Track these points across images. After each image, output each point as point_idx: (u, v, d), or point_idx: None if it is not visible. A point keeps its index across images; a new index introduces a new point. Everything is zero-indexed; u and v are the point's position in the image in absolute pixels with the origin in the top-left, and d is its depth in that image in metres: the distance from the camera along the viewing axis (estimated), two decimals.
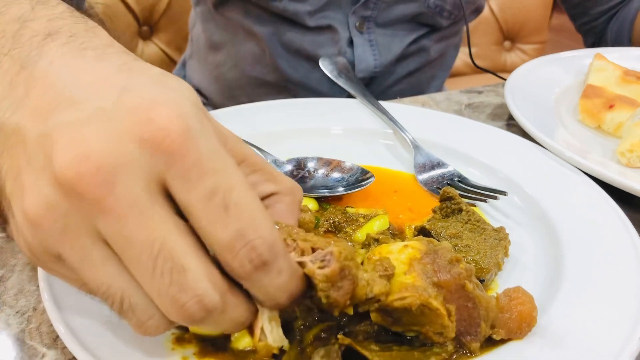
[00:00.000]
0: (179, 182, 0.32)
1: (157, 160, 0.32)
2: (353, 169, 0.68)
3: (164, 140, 0.31)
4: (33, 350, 0.48)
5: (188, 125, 0.32)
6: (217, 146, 0.34)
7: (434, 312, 0.43)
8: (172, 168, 0.32)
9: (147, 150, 0.32)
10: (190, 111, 0.33)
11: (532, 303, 0.46)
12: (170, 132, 0.31)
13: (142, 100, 0.32)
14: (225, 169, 0.33)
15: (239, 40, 1.16)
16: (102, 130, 0.32)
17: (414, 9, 1.10)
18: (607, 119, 0.82)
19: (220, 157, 0.33)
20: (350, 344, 0.43)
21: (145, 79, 0.34)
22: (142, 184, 0.32)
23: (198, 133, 0.32)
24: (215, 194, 0.32)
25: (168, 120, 0.32)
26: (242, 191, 0.33)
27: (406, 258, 0.45)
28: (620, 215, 0.59)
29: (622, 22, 1.21)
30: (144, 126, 0.32)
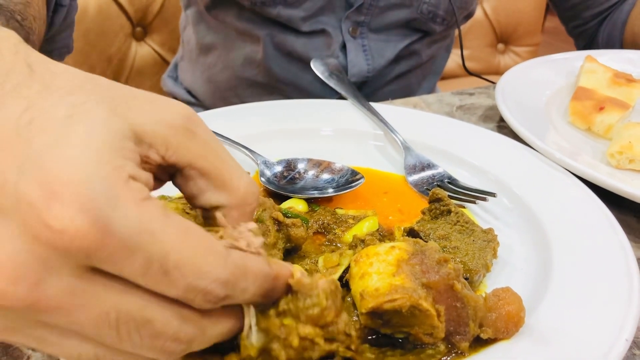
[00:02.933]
0: (107, 266, 0.30)
1: (75, 257, 0.29)
2: (343, 170, 0.68)
3: (72, 243, 0.28)
4: (18, 352, 0.48)
5: (94, 216, 0.29)
6: (136, 216, 0.30)
7: (423, 313, 0.43)
8: (94, 258, 0.30)
9: (62, 252, 0.29)
10: (94, 190, 0.29)
11: (519, 303, 0.46)
12: (75, 233, 0.28)
13: (39, 192, 0.28)
14: (152, 237, 0.30)
15: (231, 42, 1.16)
16: (8, 235, 0.29)
17: (407, 15, 1.10)
18: (597, 121, 0.82)
19: (142, 227, 0.30)
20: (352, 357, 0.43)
21: (45, 139, 0.30)
22: (69, 275, 0.30)
23: (108, 218, 0.29)
24: (150, 267, 0.30)
25: (69, 220, 0.28)
26: (179, 248, 0.31)
27: (394, 259, 0.45)
28: (609, 216, 0.60)
29: (614, 25, 1.21)
30: (49, 233, 0.28)
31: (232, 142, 0.72)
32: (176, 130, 0.35)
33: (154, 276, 0.31)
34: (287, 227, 0.55)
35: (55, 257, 0.29)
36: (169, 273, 0.31)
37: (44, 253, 0.29)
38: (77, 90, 0.33)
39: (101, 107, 0.32)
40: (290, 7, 1.05)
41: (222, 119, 0.77)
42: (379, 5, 1.08)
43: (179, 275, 0.31)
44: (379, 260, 0.46)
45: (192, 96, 1.32)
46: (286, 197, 0.65)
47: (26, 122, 0.31)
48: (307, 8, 1.06)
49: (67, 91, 0.33)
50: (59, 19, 0.77)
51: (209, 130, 0.37)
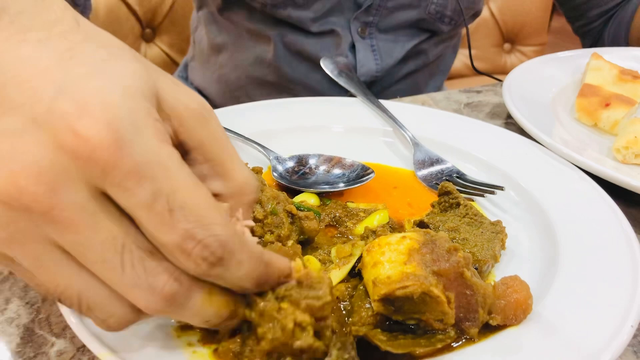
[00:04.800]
0: (117, 191, 0.32)
1: (91, 171, 0.31)
2: (354, 166, 0.69)
3: (93, 154, 0.31)
4: (43, 339, 0.50)
5: (117, 133, 0.31)
6: (155, 148, 0.32)
7: (434, 300, 0.44)
8: (107, 178, 0.31)
9: (81, 162, 0.31)
10: (122, 114, 0.31)
11: (527, 291, 0.48)
12: (97, 144, 0.30)
13: (72, 107, 0.31)
14: (165, 172, 0.32)
15: (241, 42, 1.18)
16: (36, 141, 0.31)
17: (415, 15, 1.12)
18: (603, 117, 0.83)
19: (159, 159, 0.32)
20: (365, 335, 0.45)
21: (84, 71, 0.33)
22: (84, 191, 0.32)
23: (130, 139, 0.31)
24: (157, 200, 0.32)
25: (95, 131, 0.31)
26: (187, 191, 0.33)
27: (405, 249, 0.47)
28: (614, 209, 0.61)
29: (619, 24, 1.22)
30: (74, 139, 0.31)
31: (245, 139, 0.73)
32: (191, 112, 0.37)
33: (158, 212, 0.32)
34: (301, 219, 0.57)
35: (75, 169, 0.31)
36: (173, 212, 0.32)
37: (66, 163, 0.31)
38: (116, 46, 0.36)
39: (136, 62, 0.35)
40: (300, 9, 1.07)
41: (235, 116, 0.78)
42: (387, 6, 1.10)
43: (182, 217, 0.32)
44: (391, 249, 0.47)
45: (203, 95, 1.33)
46: (298, 191, 0.66)
47: (68, 57, 0.34)
48: (317, 9, 1.08)
49: (107, 44, 0.36)
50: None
51: (220, 124, 0.39)
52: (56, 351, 0.49)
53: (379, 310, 0.46)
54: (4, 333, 0.50)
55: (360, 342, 0.44)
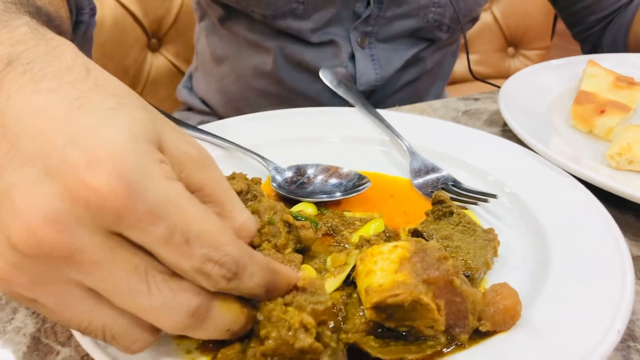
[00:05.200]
0: (134, 233, 0.34)
1: (104, 218, 0.33)
2: (350, 175, 0.71)
3: (105, 203, 0.32)
4: (48, 348, 0.52)
5: (127, 180, 0.33)
6: (165, 188, 0.34)
7: (424, 307, 0.46)
8: (122, 222, 0.33)
9: (93, 211, 0.33)
10: (131, 163, 0.33)
11: (516, 297, 0.49)
12: (110, 194, 0.32)
13: (81, 158, 0.33)
14: (177, 208, 0.34)
15: (243, 53, 1.20)
16: (50, 192, 0.33)
17: (413, 24, 1.14)
18: (598, 124, 0.84)
19: (170, 198, 0.34)
20: (356, 343, 0.46)
21: (92, 121, 0.35)
22: (101, 235, 0.34)
23: (140, 184, 0.33)
24: (174, 234, 0.34)
25: (106, 181, 0.32)
26: (200, 221, 0.35)
27: (396, 257, 0.48)
28: (606, 217, 0.62)
29: (618, 29, 1.23)
30: (84, 190, 0.33)
31: (245, 150, 0.75)
32: (192, 159, 0.39)
33: (176, 244, 0.34)
34: (297, 229, 0.59)
35: (89, 216, 0.33)
36: (190, 242, 0.34)
37: (80, 211, 0.33)
38: (124, 94, 0.38)
39: (141, 111, 0.37)
40: (299, 19, 1.09)
41: (235, 127, 0.80)
42: (386, 16, 1.11)
43: (199, 245, 0.35)
44: (383, 258, 0.49)
45: (207, 105, 1.36)
46: (296, 201, 0.68)
47: (77, 106, 0.36)
48: (316, 20, 1.10)
49: (115, 93, 0.38)
50: (78, 36, 0.81)
51: (219, 169, 0.42)
52: (61, 359, 0.50)
53: (372, 318, 0.47)
54: (12, 342, 0.52)
55: (352, 350, 0.46)
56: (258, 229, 0.56)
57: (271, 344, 0.41)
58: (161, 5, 1.76)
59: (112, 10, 1.68)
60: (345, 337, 0.46)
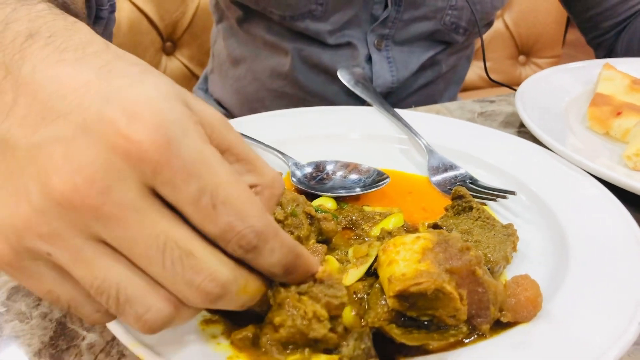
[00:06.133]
0: (167, 188, 0.34)
1: (143, 171, 0.34)
2: (370, 171, 0.72)
3: (145, 154, 0.33)
4: (74, 333, 0.52)
5: (168, 135, 0.34)
6: (200, 148, 0.35)
7: (447, 296, 0.46)
8: (158, 176, 0.34)
9: (133, 163, 0.33)
10: (169, 118, 0.34)
11: (537, 289, 0.49)
12: (150, 146, 0.33)
13: (122, 114, 0.34)
14: (209, 170, 0.35)
15: (260, 54, 1.21)
16: (89, 145, 0.33)
17: (430, 27, 1.15)
18: (614, 125, 0.85)
19: (204, 159, 0.35)
20: (381, 327, 0.47)
21: (125, 82, 0.36)
22: (135, 190, 0.34)
23: (178, 141, 0.34)
24: (203, 195, 0.34)
25: (147, 134, 0.33)
26: (229, 187, 0.35)
27: (419, 248, 0.49)
28: (624, 213, 0.62)
29: (632, 35, 1.24)
30: (125, 142, 0.33)
31: (265, 146, 0.76)
32: (219, 120, 0.40)
33: (203, 206, 0.35)
34: (319, 221, 0.60)
35: (127, 168, 0.34)
36: (216, 207, 0.35)
37: (118, 163, 0.33)
38: (145, 64, 0.39)
39: (166, 77, 0.38)
40: (317, 21, 1.10)
41: (255, 125, 0.81)
42: (403, 19, 1.12)
43: (224, 211, 0.35)
44: (406, 248, 0.49)
45: (222, 107, 1.37)
46: (316, 196, 0.69)
47: (106, 71, 0.36)
48: (334, 22, 1.11)
49: (137, 62, 0.38)
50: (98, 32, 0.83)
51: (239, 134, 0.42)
52: (87, 344, 0.51)
53: (394, 307, 0.48)
54: (39, 327, 0.53)
55: (376, 336, 0.46)
56: (281, 220, 0.57)
57: (285, 332, 0.42)
58: (177, 8, 1.78)
59: (127, 13, 1.70)
60: (372, 321, 0.47)
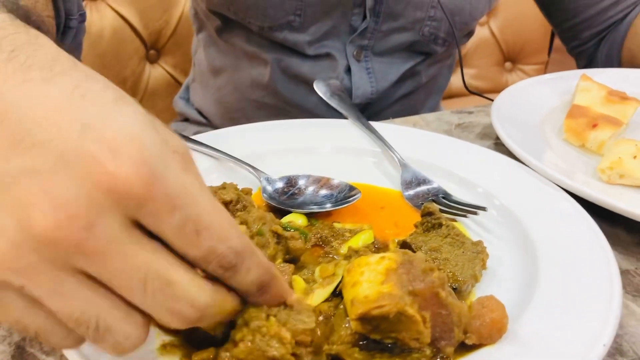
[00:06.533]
0: (151, 220, 0.34)
1: (127, 205, 0.33)
2: (341, 186, 0.71)
3: (131, 190, 0.33)
4: (33, 357, 0.51)
5: (152, 170, 0.33)
6: (182, 179, 0.35)
7: (410, 319, 0.45)
8: (142, 209, 0.34)
9: (117, 198, 0.33)
10: (152, 153, 0.34)
11: (503, 311, 0.49)
12: (136, 181, 0.33)
13: (104, 148, 0.33)
14: (192, 200, 0.35)
15: (240, 65, 1.21)
16: (71, 179, 0.32)
17: (409, 38, 1.15)
18: (590, 138, 0.85)
19: (186, 190, 0.35)
20: (339, 354, 0.46)
21: (102, 110, 0.35)
22: (118, 224, 0.33)
23: (162, 174, 0.34)
24: (186, 224, 0.35)
25: (132, 170, 0.33)
26: (210, 214, 0.36)
27: (383, 269, 0.48)
28: (595, 230, 0.62)
29: (612, 44, 1.24)
30: (111, 178, 0.33)
31: (237, 160, 0.75)
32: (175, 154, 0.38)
33: (187, 234, 0.35)
34: (286, 239, 0.59)
35: (111, 204, 0.33)
36: (200, 233, 0.35)
37: (102, 199, 0.33)
38: (115, 87, 0.37)
39: (139, 107, 0.37)
40: (296, 32, 1.10)
41: (227, 138, 0.80)
42: (382, 30, 1.12)
43: (207, 237, 0.36)
44: (370, 269, 0.48)
45: (203, 116, 1.36)
46: (287, 211, 0.68)
47: (79, 95, 0.35)
48: (313, 33, 1.10)
49: (108, 86, 0.37)
50: (67, 41, 0.82)
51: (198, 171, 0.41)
52: None
53: (357, 329, 0.47)
54: None
55: None
56: None
57: (244, 347, 0.41)
58: (160, 17, 1.77)
59: (111, 21, 1.69)
60: (329, 348, 0.46)
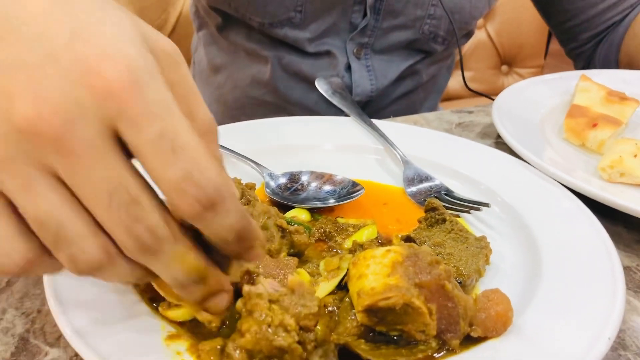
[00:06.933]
0: (129, 127, 0.34)
1: (108, 108, 0.34)
2: (344, 182, 0.71)
3: (114, 92, 0.34)
4: (37, 348, 0.51)
5: (137, 77, 0.34)
6: (164, 95, 0.36)
7: (416, 311, 0.46)
8: (122, 115, 0.34)
9: (100, 99, 0.34)
10: (139, 63, 0.35)
11: (508, 304, 0.49)
12: (119, 85, 0.34)
13: (92, 51, 0.34)
14: (171, 116, 0.35)
15: (240, 62, 1.21)
16: (57, 76, 0.33)
17: (409, 36, 1.15)
18: (590, 137, 0.85)
19: (167, 105, 0.35)
20: (346, 344, 0.46)
21: (89, 18, 0.36)
22: (97, 128, 0.34)
23: (146, 84, 0.35)
24: (163, 138, 0.34)
25: (118, 74, 0.34)
26: (188, 136, 0.35)
27: (389, 261, 0.48)
28: (598, 227, 0.62)
29: (609, 46, 1.25)
30: (96, 78, 0.34)
31: (239, 156, 0.75)
32: (168, 56, 0.40)
33: (162, 150, 0.35)
34: (291, 233, 0.59)
35: (94, 104, 0.34)
36: (175, 151, 0.35)
37: (86, 98, 0.33)
38: None
39: (124, 12, 0.38)
40: (296, 29, 1.10)
41: (230, 134, 0.80)
42: (382, 27, 1.12)
43: (183, 157, 0.35)
44: (376, 262, 0.49)
45: None
46: (289, 207, 0.68)
47: (63, 1, 0.36)
48: (313, 30, 1.11)
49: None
50: None
51: (189, 71, 0.42)
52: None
53: (363, 321, 0.47)
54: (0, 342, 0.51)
55: (343, 352, 0.46)
56: None
57: (251, 338, 0.41)
58: (159, 16, 1.77)
59: None
60: (337, 337, 0.46)
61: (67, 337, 0.45)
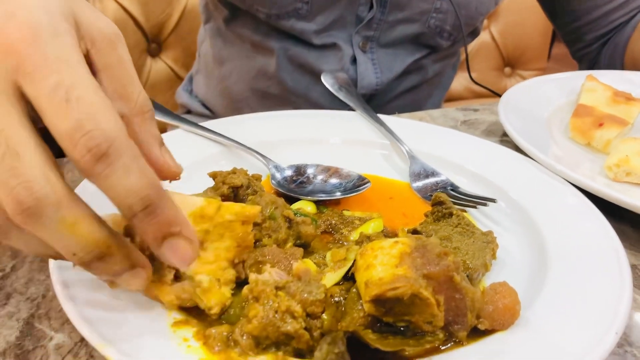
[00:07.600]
0: (27, 80, 0.36)
1: (8, 63, 0.36)
2: (350, 175, 0.71)
3: (11, 47, 0.36)
4: (42, 333, 0.51)
5: (37, 33, 0.37)
6: (67, 50, 0.37)
7: (424, 302, 0.45)
8: (21, 68, 0.36)
9: (1, 54, 0.36)
10: (41, 20, 0.37)
11: (515, 297, 0.49)
12: (17, 40, 0.36)
13: (2, 14, 0.37)
14: (70, 69, 0.37)
15: (246, 54, 1.21)
16: None
17: (415, 30, 1.15)
18: (596, 137, 0.85)
19: (65, 59, 0.37)
20: (355, 332, 0.46)
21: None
22: None
23: (45, 40, 0.37)
24: (58, 89, 0.36)
25: (18, 31, 0.37)
26: (85, 87, 0.37)
27: (397, 252, 0.48)
28: (603, 222, 0.62)
29: (615, 48, 1.25)
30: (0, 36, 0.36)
31: (245, 147, 0.75)
32: (103, 36, 0.41)
33: (57, 101, 0.36)
34: (298, 224, 0.59)
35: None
36: (70, 101, 0.36)
37: None
38: None
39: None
40: (303, 20, 1.10)
41: (237, 126, 0.80)
42: (388, 20, 1.12)
43: (76, 107, 0.36)
44: (383, 253, 0.49)
45: (207, 108, 1.36)
46: (295, 199, 0.68)
47: None
48: (320, 22, 1.11)
49: None
50: None
51: (127, 51, 0.43)
52: (55, 345, 0.50)
53: (370, 312, 0.47)
54: (4, 326, 0.51)
55: (351, 341, 0.46)
56: (259, 223, 0.56)
57: (258, 323, 0.41)
58: (163, 10, 1.77)
59: (113, 13, 1.69)
60: (346, 325, 0.46)
61: (74, 322, 0.45)
